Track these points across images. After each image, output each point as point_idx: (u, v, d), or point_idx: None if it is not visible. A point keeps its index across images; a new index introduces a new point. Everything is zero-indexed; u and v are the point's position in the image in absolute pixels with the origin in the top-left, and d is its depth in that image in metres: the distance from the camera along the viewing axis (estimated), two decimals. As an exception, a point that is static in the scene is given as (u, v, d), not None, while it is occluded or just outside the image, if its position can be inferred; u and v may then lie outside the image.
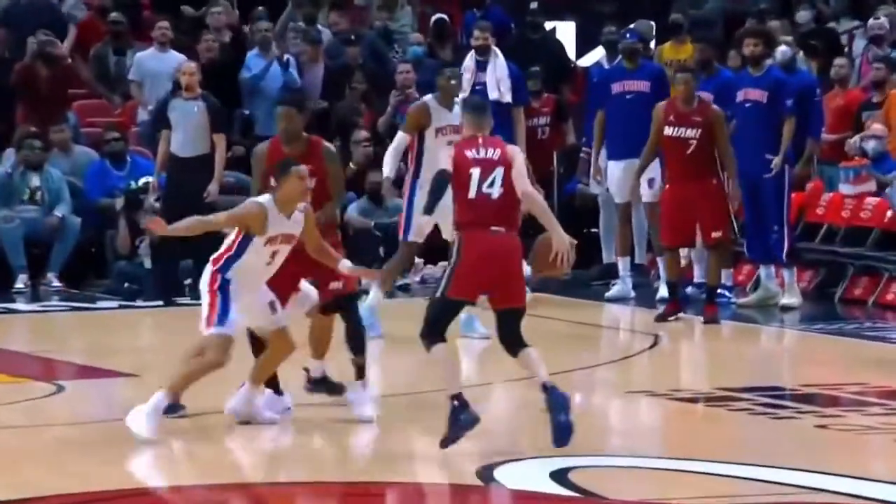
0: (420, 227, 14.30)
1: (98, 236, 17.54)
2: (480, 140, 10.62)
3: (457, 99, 14.33)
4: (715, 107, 15.28)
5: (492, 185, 10.46)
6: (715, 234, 15.10)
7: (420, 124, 14.41)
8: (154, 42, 18.71)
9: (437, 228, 13.93)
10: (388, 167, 14.52)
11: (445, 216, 11.42)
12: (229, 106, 17.86)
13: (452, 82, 14.59)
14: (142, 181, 17.28)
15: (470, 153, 10.56)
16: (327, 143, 11.75)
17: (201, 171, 16.81)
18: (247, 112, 18.61)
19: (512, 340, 10.56)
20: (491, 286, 10.50)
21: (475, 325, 14.14)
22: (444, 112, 14.40)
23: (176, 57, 18.18)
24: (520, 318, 10.53)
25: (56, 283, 17.17)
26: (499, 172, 10.47)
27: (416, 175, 14.39)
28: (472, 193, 10.46)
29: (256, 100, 18.67)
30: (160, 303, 16.71)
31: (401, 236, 14.55)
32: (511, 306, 10.53)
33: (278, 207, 10.99)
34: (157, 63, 18.54)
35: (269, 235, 11.05)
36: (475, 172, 10.48)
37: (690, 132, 15.07)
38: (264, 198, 11.07)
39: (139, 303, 16.76)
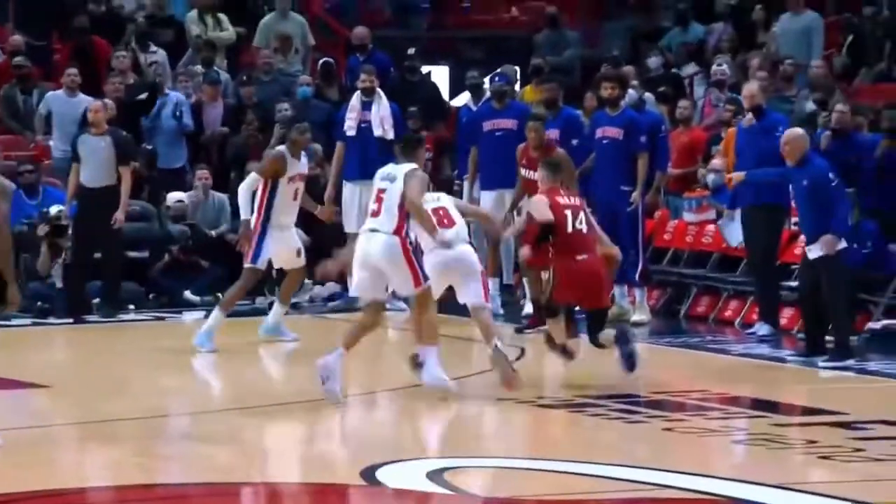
0: (266, 259, 14.76)
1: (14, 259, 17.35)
2: (562, 190, 13.02)
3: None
4: (560, 150, 15.21)
5: (581, 223, 12.81)
6: None
7: (276, 172, 14.60)
8: (63, 86, 18.56)
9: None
10: (246, 209, 14.70)
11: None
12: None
13: (305, 135, 14.80)
14: (54, 209, 17.16)
15: (562, 200, 12.88)
16: None
17: (109, 200, 16.71)
18: (149, 147, 18.53)
19: (596, 330, 12.95)
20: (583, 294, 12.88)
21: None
22: (295, 162, 14.69)
23: (85, 99, 18.05)
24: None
25: (-31, 303, 16.97)
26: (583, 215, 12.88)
27: (268, 218, 14.65)
28: (568, 229, 12.76)
29: (155, 135, 18.69)
30: (70, 320, 16.59)
31: (247, 263, 14.69)
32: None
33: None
34: (66, 105, 18.39)
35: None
36: (568, 214, 12.79)
37: None
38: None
39: (51, 320, 16.61)
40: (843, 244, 13.95)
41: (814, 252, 14.01)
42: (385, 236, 12.33)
